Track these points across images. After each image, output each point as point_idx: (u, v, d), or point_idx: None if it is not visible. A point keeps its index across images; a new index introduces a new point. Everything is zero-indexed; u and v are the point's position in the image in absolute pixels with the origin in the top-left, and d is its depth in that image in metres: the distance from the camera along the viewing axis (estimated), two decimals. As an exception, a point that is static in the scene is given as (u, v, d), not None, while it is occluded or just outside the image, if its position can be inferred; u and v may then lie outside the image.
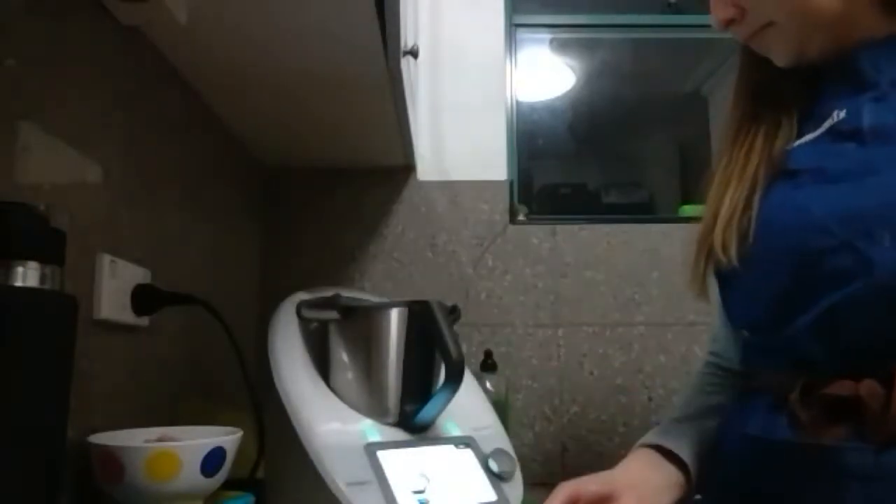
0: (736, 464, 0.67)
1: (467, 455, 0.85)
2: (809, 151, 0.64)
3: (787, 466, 0.60)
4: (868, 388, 0.55)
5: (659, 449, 0.76)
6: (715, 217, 0.68)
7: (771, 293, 0.63)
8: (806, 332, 0.59)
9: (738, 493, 0.66)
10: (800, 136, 0.67)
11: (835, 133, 0.63)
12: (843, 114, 0.63)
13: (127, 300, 0.85)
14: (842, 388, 0.57)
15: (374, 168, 1.59)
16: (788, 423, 0.60)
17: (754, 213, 0.65)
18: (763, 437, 0.62)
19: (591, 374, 1.56)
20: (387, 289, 1.56)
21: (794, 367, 0.61)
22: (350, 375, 0.87)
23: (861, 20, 0.63)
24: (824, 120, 0.64)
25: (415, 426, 0.86)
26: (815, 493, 0.57)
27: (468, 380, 0.93)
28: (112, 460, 0.67)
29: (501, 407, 1.36)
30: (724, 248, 0.66)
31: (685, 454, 0.74)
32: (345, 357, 0.88)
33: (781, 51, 0.68)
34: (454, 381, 0.81)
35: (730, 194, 0.68)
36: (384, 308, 0.87)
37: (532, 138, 1.80)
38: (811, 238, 0.59)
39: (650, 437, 0.79)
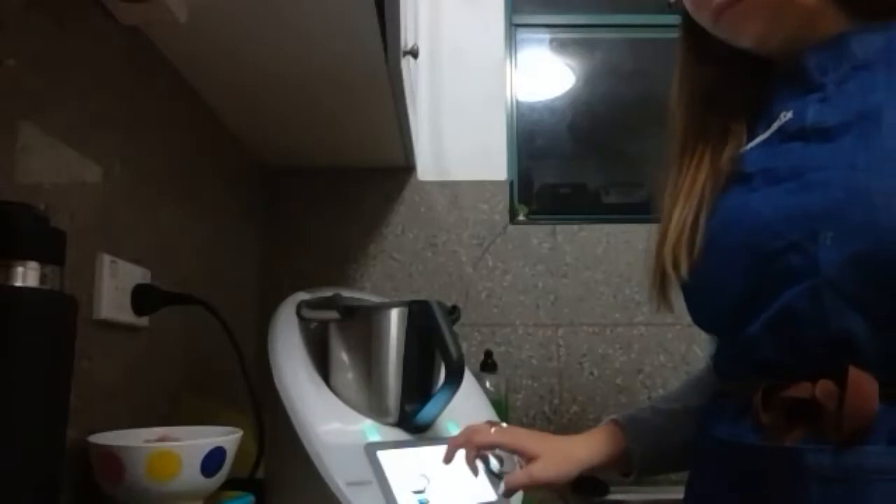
0: (708, 469, 0.67)
1: (467, 455, 0.84)
2: (760, 153, 0.65)
3: (753, 471, 0.60)
4: (822, 388, 0.55)
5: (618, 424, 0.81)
6: (665, 234, 0.70)
7: (727, 297, 0.63)
8: (761, 335, 0.60)
9: (712, 498, 0.66)
10: (752, 138, 0.68)
11: (783, 133, 0.63)
12: (790, 115, 0.63)
13: (127, 300, 0.85)
14: (799, 390, 0.57)
15: (374, 168, 1.59)
16: (752, 428, 0.60)
17: (701, 228, 0.66)
18: (730, 442, 0.63)
19: (591, 374, 1.56)
20: (387, 289, 1.56)
21: (755, 370, 0.62)
22: (350, 375, 0.87)
23: (828, 14, 0.63)
24: (773, 121, 0.65)
25: (415, 426, 0.86)
26: (777, 496, 0.58)
27: (468, 380, 0.93)
28: (112, 460, 0.67)
29: (501, 407, 1.36)
30: (675, 265, 0.67)
31: (635, 443, 0.78)
32: (345, 357, 0.88)
33: (749, 29, 0.67)
34: (454, 381, 0.81)
35: (677, 213, 0.69)
36: (384, 308, 0.87)
37: (532, 138, 1.80)
38: (761, 240, 0.59)
39: (622, 413, 0.82)
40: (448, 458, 0.81)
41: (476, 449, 0.81)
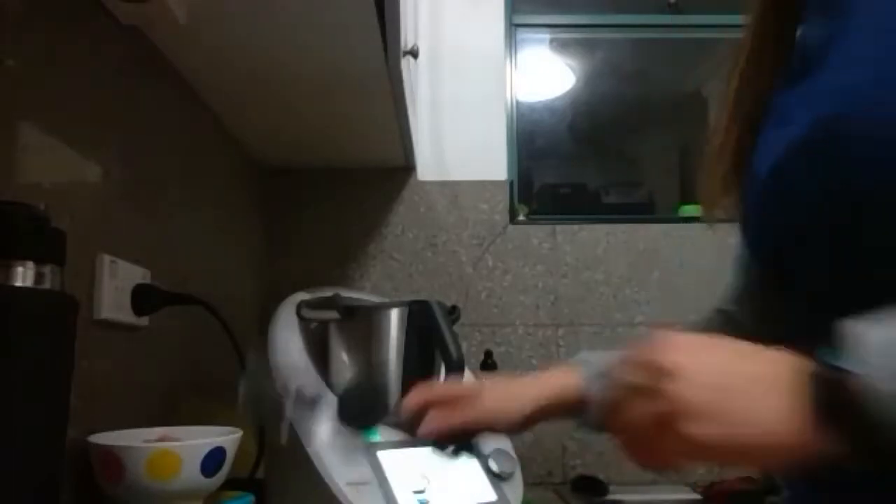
0: None
1: (467, 455, 0.85)
2: (783, 72, 0.55)
3: None
4: None
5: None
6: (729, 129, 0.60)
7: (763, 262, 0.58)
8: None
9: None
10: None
11: (808, 6, 0.52)
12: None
13: (127, 300, 0.85)
14: None
15: (374, 168, 1.59)
16: None
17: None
18: None
19: (591, 374, 1.56)
20: (387, 289, 1.56)
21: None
22: (350, 375, 0.87)
23: None
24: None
25: (415, 426, 0.86)
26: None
27: (468, 380, 0.93)
28: (112, 460, 0.67)
29: (501, 407, 1.36)
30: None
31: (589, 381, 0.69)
32: (345, 357, 0.88)
33: None
34: (454, 381, 0.81)
35: (735, 132, 0.60)
36: (384, 308, 0.87)
37: (532, 138, 1.80)
38: (768, 217, 0.52)
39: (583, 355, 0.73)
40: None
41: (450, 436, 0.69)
